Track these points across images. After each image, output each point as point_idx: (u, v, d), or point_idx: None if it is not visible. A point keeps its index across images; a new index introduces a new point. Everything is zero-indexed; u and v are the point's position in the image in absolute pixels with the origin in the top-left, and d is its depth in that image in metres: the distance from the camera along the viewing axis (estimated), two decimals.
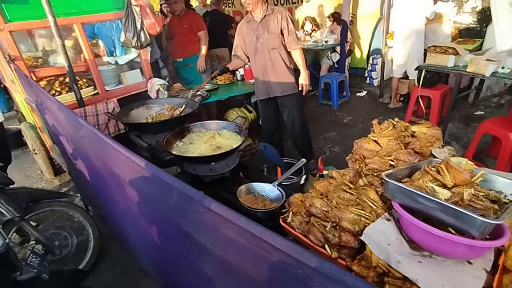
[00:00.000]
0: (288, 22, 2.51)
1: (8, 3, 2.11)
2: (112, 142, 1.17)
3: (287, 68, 2.68)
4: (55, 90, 2.57)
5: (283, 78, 2.69)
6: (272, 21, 2.51)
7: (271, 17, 2.51)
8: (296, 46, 2.57)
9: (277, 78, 2.69)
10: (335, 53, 5.06)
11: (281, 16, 2.50)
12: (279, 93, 2.76)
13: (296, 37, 2.56)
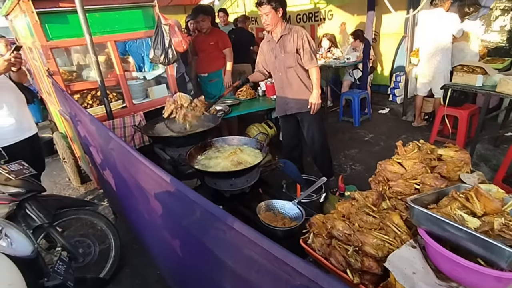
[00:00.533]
0: (304, 41, 2.50)
1: (51, 24, 2.29)
2: (139, 156, 1.22)
3: (305, 86, 2.68)
4: (87, 103, 2.71)
5: (300, 95, 2.70)
6: (289, 41, 2.53)
7: (287, 36, 2.54)
8: (310, 65, 2.57)
9: (294, 95, 2.72)
10: (357, 70, 5.05)
11: (297, 36, 2.51)
12: (296, 110, 2.79)
13: (312, 56, 2.54)
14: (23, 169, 1.89)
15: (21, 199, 1.81)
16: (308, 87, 2.68)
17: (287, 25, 2.55)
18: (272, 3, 2.38)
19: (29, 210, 1.87)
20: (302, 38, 2.51)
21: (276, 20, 2.46)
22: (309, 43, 2.52)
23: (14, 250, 1.25)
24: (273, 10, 2.40)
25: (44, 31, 2.27)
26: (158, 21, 2.69)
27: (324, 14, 6.22)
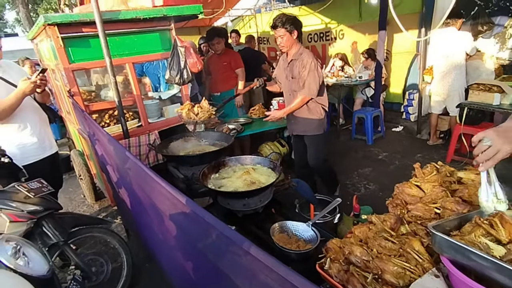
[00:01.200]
0: (305, 69, 2.48)
1: (73, 47, 2.41)
2: (155, 177, 1.23)
3: (308, 110, 2.67)
4: (104, 122, 2.80)
5: (303, 119, 2.72)
6: (295, 67, 2.56)
7: (296, 62, 2.56)
8: (300, 92, 2.56)
9: (298, 118, 2.75)
10: (369, 88, 5.05)
11: (302, 64, 2.51)
12: (300, 132, 2.83)
13: (305, 85, 2.51)
14: (42, 187, 1.93)
15: (38, 216, 1.84)
16: (313, 111, 2.67)
17: (301, 48, 2.56)
18: (287, 26, 2.43)
19: (45, 228, 1.89)
20: (304, 66, 2.50)
21: (291, 42, 2.50)
22: (309, 72, 2.47)
23: (31, 269, 1.26)
24: (288, 33, 2.45)
25: (67, 54, 2.38)
26: (175, 43, 2.79)
27: (335, 33, 6.32)
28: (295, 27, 2.45)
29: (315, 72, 2.48)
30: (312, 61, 2.47)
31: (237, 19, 8.69)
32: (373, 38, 5.41)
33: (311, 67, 2.46)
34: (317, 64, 2.49)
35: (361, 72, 4.92)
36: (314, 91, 2.52)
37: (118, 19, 2.43)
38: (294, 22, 2.44)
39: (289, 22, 2.42)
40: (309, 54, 2.52)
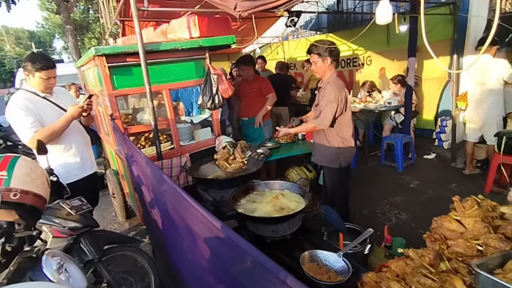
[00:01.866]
0: (324, 100, 2.46)
1: (117, 75, 2.62)
2: (191, 201, 1.29)
3: (327, 141, 2.63)
4: (140, 144, 2.96)
5: (321, 148, 2.70)
6: (321, 95, 2.55)
7: (322, 90, 2.55)
8: (314, 119, 2.56)
9: (318, 146, 2.74)
10: (399, 114, 4.95)
11: (324, 93, 2.50)
12: (317, 161, 2.83)
13: (320, 114, 2.50)
14: (82, 205, 2.05)
15: (78, 233, 1.94)
16: (330, 143, 2.61)
17: (331, 77, 2.53)
18: (320, 52, 2.44)
19: (83, 244, 1.98)
20: (324, 96, 2.49)
21: (323, 69, 2.50)
22: (327, 103, 2.44)
23: (71, 285, 1.33)
24: (320, 59, 2.46)
25: (111, 81, 2.59)
26: (208, 71, 2.95)
27: (362, 59, 6.36)
28: (329, 54, 2.44)
29: (333, 104, 2.43)
30: (334, 93, 2.43)
31: (265, 46, 9.01)
32: (402, 64, 5.38)
33: (330, 98, 2.43)
34: (339, 97, 2.43)
35: (390, 98, 4.86)
36: (326, 123, 2.47)
37: (159, 49, 2.63)
38: (328, 49, 2.43)
39: (323, 48, 2.43)
40: (335, 84, 2.48)
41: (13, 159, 1.18)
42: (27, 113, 2.11)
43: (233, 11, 2.02)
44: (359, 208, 3.43)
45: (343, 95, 2.47)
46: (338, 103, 2.43)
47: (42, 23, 24.56)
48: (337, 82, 2.51)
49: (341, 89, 2.47)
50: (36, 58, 2.17)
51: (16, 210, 1.14)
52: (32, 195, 1.19)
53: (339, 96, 2.43)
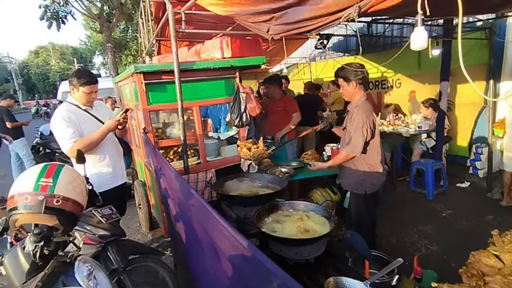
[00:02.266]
0: (352, 125, 2.42)
1: (152, 91, 2.77)
2: (218, 217, 1.30)
3: (353, 165, 2.57)
4: (169, 158, 3.06)
5: (347, 172, 2.64)
6: (349, 119, 2.50)
7: (349, 114, 2.51)
8: (342, 147, 2.52)
9: (344, 170, 2.68)
10: (430, 139, 4.78)
11: (351, 118, 2.46)
12: (343, 184, 2.77)
13: (349, 141, 2.44)
14: (111, 213, 2.13)
15: (106, 241, 2.01)
16: (357, 167, 2.54)
17: (359, 101, 2.48)
18: (346, 76, 2.44)
19: (110, 253, 2.04)
20: (352, 121, 2.44)
21: (350, 92, 2.49)
22: (356, 129, 2.39)
23: None
24: (346, 83, 2.46)
25: (147, 97, 2.73)
26: (237, 89, 3.04)
27: (391, 82, 6.27)
28: (354, 77, 2.42)
29: (362, 130, 2.37)
30: (361, 118, 2.37)
31: (292, 66, 9.15)
32: (433, 88, 5.24)
33: (358, 124, 2.38)
34: (367, 122, 2.37)
35: (421, 122, 4.72)
36: (358, 149, 2.41)
37: (193, 68, 2.76)
38: (354, 72, 2.42)
39: (350, 71, 2.42)
40: (363, 109, 2.43)
41: (58, 167, 1.27)
42: (69, 124, 2.26)
43: (266, 34, 2.10)
44: (386, 235, 3.28)
45: (371, 120, 2.41)
46: (367, 127, 2.37)
47: (85, 41, 26.58)
48: (365, 106, 2.46)
49: (368, 113, 2.41)
50: (81, 74, 2.35)
51: (57, 216, 1.21)
52: (72, 202, 1.27)
53: (367, 121, 2.38)
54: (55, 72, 42.66)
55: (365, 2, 1.45)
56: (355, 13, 1.47)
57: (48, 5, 9.07)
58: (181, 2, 3.26)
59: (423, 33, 1.40)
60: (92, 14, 10.20)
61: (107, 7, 10.34)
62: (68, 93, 2.53)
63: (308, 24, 1.81)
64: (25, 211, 1.17)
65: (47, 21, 9.33)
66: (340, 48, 8.18)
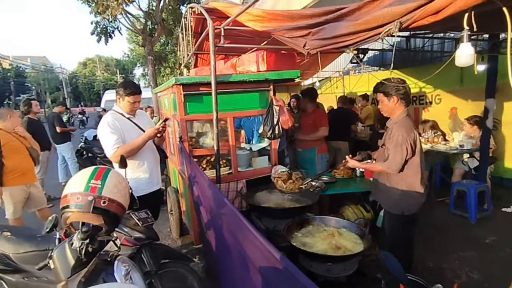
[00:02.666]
0: (392, 142, 2.32)
1: (190, 102, 2.90)
2: (251, 227, 1.32)
3: (388, 183, 2.45)
4: (202, 166, 3.15)
5: (382, 189, 2.52)
6: (389, 136, 2.40)
7: (389, 131, 2.42)
8: (382, 163, 2.39)
9: (379, 186, 2.57)
10: (473, 159, 4.48)
11: (390, 134, 2.37)
12: (379, 202, 2.65)
13: (389, 159, 2.33)
14: (147, 217, 2.22)
15: (141, 244, 2.10)
16: (394, 186, 2.41)
17: (399, 117, 2.39)
18: (386, 91, 2.36)
19: (143, 255, 2.13)
20: (390, 137, 2.35)
21: (389, 107, 2.39)
22: (395, 146, 2.29)
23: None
24: (386, 98, 2.38)
25: (184, 107, 2.86)
26: (271, 102, 3.09)
27: (430, 98, 6.01)
28: (395, 93, 2.34)
29: (402, 147, 2.26)
30: (401, 135, 2.26)
31: (324, 80, 9.10)
32: (477, 105, 4.93)
33: (398, 141, 2.28)
34: (408, 139, 2.26)
35: (463, 140, 4.45)
36: (395, 167, 2.31)
37: (229, 81, 2.85)
38: (395, 88, 2.34)
39: (390, 87, 2.34)
40: (403, 125, 2.33)
41: (106, 170, 1.38)
42: (113, 131, 2.43)
43: (302, 49, 2.13)
44: (423, 259, 3.09)
45: (412, 137, 2.29)
46: (407, 145, 2.26)
47: (128, 53, 28.49)
48: (406, 122, 2.35)
49: (409, 130, 2.30)
50: (127, 85, 2.53)
51: (102, 216, 1.30)
52: (116, 204, 1.35)
53: (408, 138, 2.26)
54: (100, 82, 45.97)
55: (407, 17, 1.44)
56: (395, 29, 1.46)
57: (99, 21, 9.89)
58: (219, 18, 3.41)
59: (469, 49, 1.35)
60: (137, 29, 10.95)
61: (150, 23, 11.04)
62: (110, 101, 2.73)
63: (345, 39, 1.82)
64: (75, 209, 1.28)
65: (97, 35, 10.17)
66: (376, 62, 8.02)
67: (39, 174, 5.13)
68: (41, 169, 5.26)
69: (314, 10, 2.09)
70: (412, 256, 2.67)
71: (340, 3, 1.98)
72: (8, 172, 3.25)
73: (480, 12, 1.45)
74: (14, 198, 3.31)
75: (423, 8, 1.39)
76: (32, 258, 1.95)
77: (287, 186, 2.80)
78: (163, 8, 10.66)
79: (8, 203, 3.29)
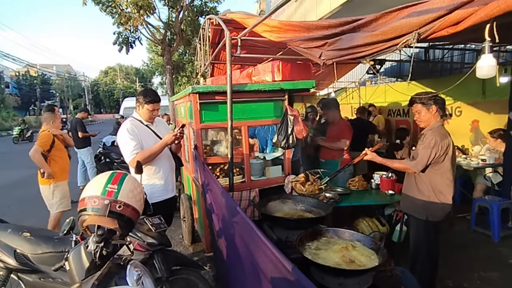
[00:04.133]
0: (422, 143, 2.41)
1: (205, 110, 2.94)
2: (263, 237, 1.31)
3: (416, 189, 2.48)
4: (215, 174, 3.17)
5: (408, 195, 2.55)
6: (421, 140, 2.46)
7: (423, 136, 2.48)
8: (406, 160, 2.48)
9: (406, 195, 2.59)
10: (496, 174, 4.30)
11: (423, 138, 2.45)
12: (403, 208, 2.67)
13: (415, 159, 2.40)
14: (160, 223, 2.24)
15: (153, 249, 2.12)
16: (421, 190, 2.46)
17: (434, 124, 2.46)
18: (424, 101, 2.44)
19: (155, 261, 2.14)
20: (423, 141, 2.42)
21: (428, 117, 2.46)
22: (424, 147, 2.37)
23: None
24: (424, 108, 2.44)
25: (200, 115, 2.91)
26: (285, 112, 3.09)
27: (450, 110, 5.84)
28: (434, 102, 2.42)
29: (431, 149, 2.34)
30: (434, 139, 2.35)
31: (340, 90, 9.04)
32: (500, 117, 4.76)
33: (430, 143, 2.36)
34: (440, 144, 2.33)
35: (485, 154, 4.29)
36: (419, 167, 2.39)
37: (244, 90, 2.88)
38: (433, 98, 2.43)
39: (427, 97, 2.43)
40: (438, 131, 2.40)
41: (123, 175, 1.41)
42: (132, 137, 2.48)
43: (318, 59, 2.14)
44: (442, 278, 2.95)
45: (445, 143, 2.36)
46: (438, 150, 2.33)
47: (147, 63, 29.35)
48: (441, 130, 2.44)
49: (443, 137, 2.38)
50: (147, 93, 2.60)
51: (117, 220, 1.33)
52: (131, 209, 1.38)
53: (440, 143, 2.34)
54: (120, 90, 47.48)
55: (425, 28, 1.42)
56: (413, 40, 1.44)
57: (121, 32, 10.28)
58: (236, 29, 3.47)
59: (491, 60, 1.31)
60: (156, 39, 11.30)
61: (169, 33, 11.37)
62: (129, 109, 2.81)
63: (362, 50, 1.81)
64: (92, 213, 1.31)
65: (119, 45, 10.55)
66: (393, 73, 7.91)
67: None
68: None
69: (330, 21, 2.09)
70: (436, 273, 2.60)
71: (358, 14, 1.99)
72: (58, 169, 3.68)
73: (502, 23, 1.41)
74: (63, 192, 3.76)
75: (443, 19, 1.37)
76: (49, 259, 2.01)
77: (306, 188, 2.81)
78: (182, 19, 10.97)
79: (62, 197, 3.74)
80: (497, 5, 1.17)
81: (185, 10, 10.74)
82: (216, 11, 11.34)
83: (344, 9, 5.28)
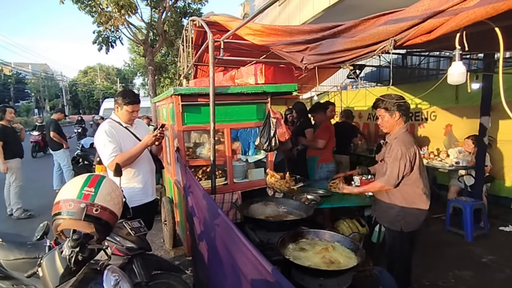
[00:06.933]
0: (390, 156, 2.34)
1: (188, 113, 2.92)
2: (244, 239, 1.31)
3: (388, 199, 2.47)
4: (197, 177, 3.13)
5: (382, 205, 2.56)
6: (388, 151, 2.42)
7: (388, 146, 2.44)
8: (379, 179, 2.42)
9: (378, 202, 2.61)
10: (469, 176, 4.49)
11: (390, 149, 2.38)
12: (377, 218, 2.70)
13: (386, 174, 2.36)
14: (140, 227, 2.20)
15: (132, 254, 2.07)
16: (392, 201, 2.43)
17: (399, 132, 2.41)
18: (388, 107, 2.38)
19: (135, 266, 2.09)
20: (390, 152, 2.37)
21: (391, 123, 2.41)
22: (393, 160, 2.31)
23: None
24: (388, 114, 2.40)
25: (182, 118, 2.88)
26: (268, 114, 3.11)
27: (426, 114, 6.08)
28: (397, 108, 2.36)
29: (399, 162, 2.28)
30: (400, 150, 2.28)
31: (322, 94, 9.19)
32: (472, 122, 4.99)
33: (396, 155, 2.30)
34: (406, 154, 2.28)
35: (458, 157, 4.48)
36: (393, 182, 2.33)
37: (227, 92, 2.88)
38: (396, 104, 2.36)
39: (391, 103, 2.36)
40: (403, 140, 2.35)
41: (100, 178, 1.37)
42: (111, 140, 2.42)
43: (300, 63, 2.17)
44: (419, 277, 3.05)
45: (411, 152, 2.31)
46: (406, 160, 2.28)
47: (128, 63, 28.77)
48: (405, 138, 2.37)
49: (409, 146, 2.32)
50: (126, 94, 2.54)
51: (94, 224, 1.29)
52: (109, 212, 1.34)
53: (407, 153, 2.28)
54: (99, 91, 46.18)
55: (401, 36, 1.48)
56: (390, 46, 1.50)
57: (101, 31, 10.03)
58: (220, 31, 3.47)
59: (461, 68, 1.38)
60: (138, 39, 11.11)
61: (152, 34, 11.21)
62: (109, 110, 2.75)
63: (342, 55, 1.86)
64: (67, 216, 1.26)
65: (98, 44, 10.29)
66: (373, 78, 8.13)
67: (16, 182, 5.06)
68: (17, 177, 5.08)
69: (312, 26, 2.14)
70: (409, 274, 2.65)
71: (338, 20, 2.04)
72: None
73: (474, 32, 1.49)
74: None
75: (417, 27, 1.43)
76: (22, 266, 1.92)
77: (276, 182, 2.91)
78: (165, 20, 10.84)
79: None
80: (467, 15, 1.23)
81: (168, 11, 10.62)
82: (200, 12, 11.29)
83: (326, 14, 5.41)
